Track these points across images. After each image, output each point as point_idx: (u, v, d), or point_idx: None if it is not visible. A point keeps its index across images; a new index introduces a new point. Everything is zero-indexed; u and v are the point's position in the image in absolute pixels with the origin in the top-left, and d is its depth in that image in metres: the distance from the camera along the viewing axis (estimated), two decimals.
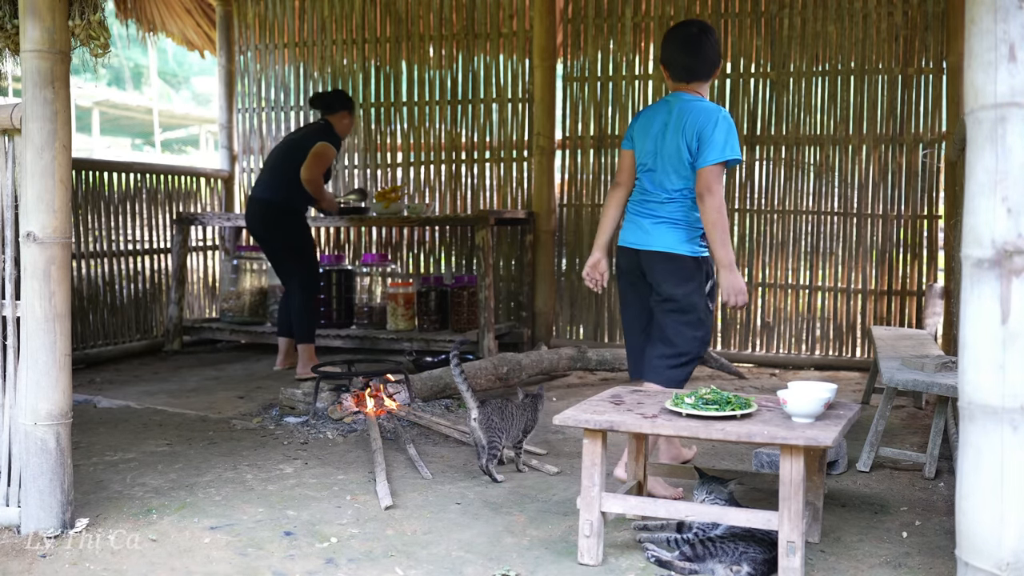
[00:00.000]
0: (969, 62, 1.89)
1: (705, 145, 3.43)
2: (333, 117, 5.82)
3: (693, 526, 2.88)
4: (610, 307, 6.85)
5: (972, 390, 1.90)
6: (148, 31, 7.28)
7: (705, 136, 3.44)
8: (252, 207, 5.77)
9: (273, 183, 5.72)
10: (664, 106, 3.62)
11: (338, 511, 3.29)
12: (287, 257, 5.75)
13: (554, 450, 4.13)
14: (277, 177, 5.72)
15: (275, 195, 5.69)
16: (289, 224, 5.72)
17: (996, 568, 1.86)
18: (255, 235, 5.89)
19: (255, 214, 5.74)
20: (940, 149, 6.17)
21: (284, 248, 5.74)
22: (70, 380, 3.04)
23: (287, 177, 5.66)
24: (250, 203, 5.80)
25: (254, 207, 5.75)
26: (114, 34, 4.06)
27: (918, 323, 6.16)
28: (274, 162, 5.82)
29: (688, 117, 3.49)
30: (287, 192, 5.68)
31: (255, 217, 5.75)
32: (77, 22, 3.02)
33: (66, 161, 2.96)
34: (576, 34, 6.84)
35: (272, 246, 5.77)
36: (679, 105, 3.55)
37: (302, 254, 5.78)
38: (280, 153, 5.83)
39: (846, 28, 6.28)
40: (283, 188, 5.67)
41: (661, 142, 3.56)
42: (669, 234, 3.56)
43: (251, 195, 5.82)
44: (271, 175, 5.76)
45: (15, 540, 2.96)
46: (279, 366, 5.97)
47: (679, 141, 3.50)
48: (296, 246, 5.75)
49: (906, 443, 4.28)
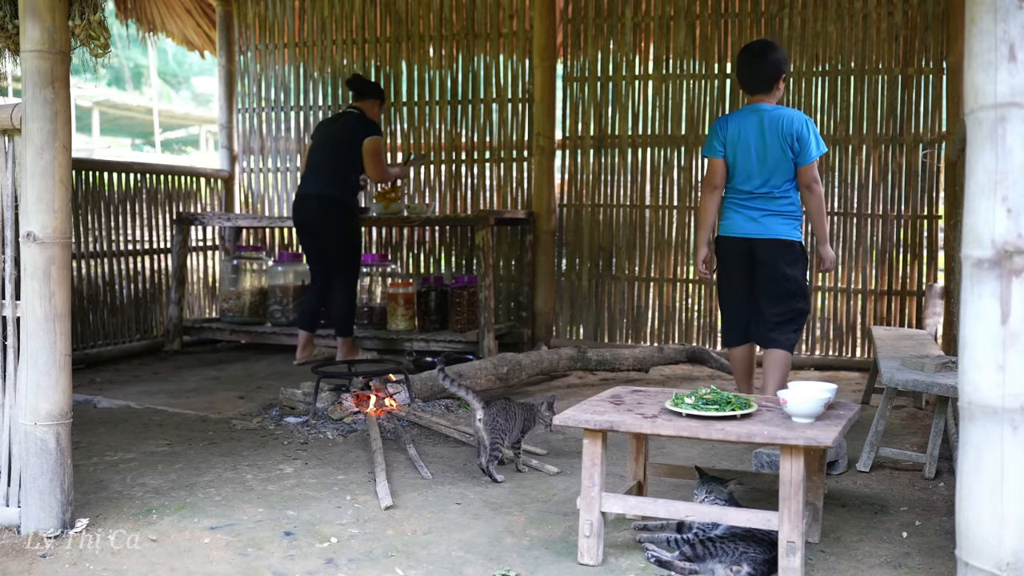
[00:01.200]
0: (969, 62, 1.89)
1: (804, 145, 4.11)
2: (364, 104, 5.89)
3: (693, 526, 2.88)
4: (610, 307, 6.85)
5: (972, 390, 1.90)
6: (148, 31, 7.29)
7: (803, 138, 4.11)
8: (309, 203, 5.78)
9: (330, 179, 5.76)
10: (752, 116, 4.21)
11: (338, 511, 3.29)
12: (342, 252, 5.85)
13: (554, 450, 4.13)
14: (333, 174, 5.77)
15: (333, 191, 5.76)
16: (348, 220, 5.82)
17: (996, 568, 1.86)
18: (311, 230, 5.87)
19: (313, 210, 5.77)
20: (940, 149, 6.17)
21: (342, 243, 5.83)
22: (70, 380, 3.04)
23: (342, 174, 5.78)
24: (305, 200, 5.80)
25: (312, 203, 5.77)
26: (114, 34, 4.06)
27: (918, 323, 6.16)
28: (325, 159, 5.81)
29: (782, 123, 4.13)
30: (343, 188, 5.79)
31: (313, 212, 5.77)
32: (77, 22, 3.02)
33: (66, 161, 2.96)
34: (576, 34, 6.85)
35: (330, 241, 5.81)
36: (768, 114, 4.18)
37: (356, 250, 5.93)
38: (328, 149, 5.82)
39: (846, 28, 6.28)
40: (339, 185, 5.78)
41: (763, 147, 4.17)
42: (783, 225, 4.22)
43: (304, 192, 5.84)
44: (327, 172, 5.78)
45: (15, 540, 2.96)
46: (299, 360, 6.02)
47: (782, 144, 4.13)
48: (353, 242, 5.90)
49: (906, 443, 4.28)
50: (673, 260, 6.71)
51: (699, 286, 6.67)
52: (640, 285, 6.80)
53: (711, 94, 6.57)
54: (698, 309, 6.70)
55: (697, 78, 6.59)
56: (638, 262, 6.79)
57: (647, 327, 6.80)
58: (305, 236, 5.96)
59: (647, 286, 6.79)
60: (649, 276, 6.77)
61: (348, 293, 5.88)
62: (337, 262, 5.86)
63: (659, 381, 5.77)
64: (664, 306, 6.75)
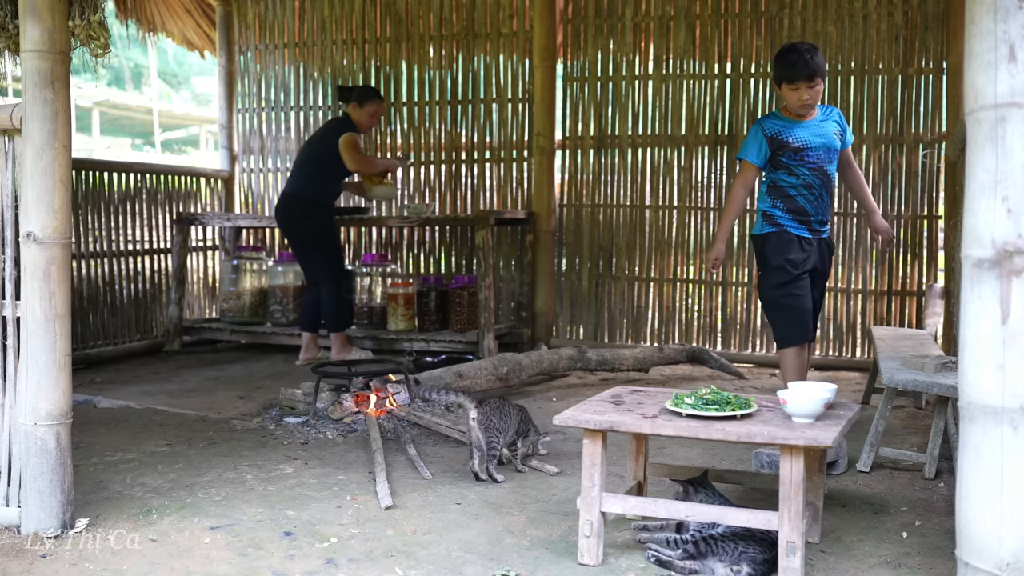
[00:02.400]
0: (969, 62, 1.89)
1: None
2: (348, 109, 6.04)
3: (690, 526, 2.88)
4: (610, 307, 6.85)
5: (972, 390, 1.90)
6: (148, 31, 7.29)
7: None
8: (279, 203, 6.05)
9: (298, 180, 5.98)
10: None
11: (338, 511, 3.29)
12: (313, 248, 5.97)
13: (554, 450, 4.13)
14: (302, 174, 5.99)
15: (300, 190, 5.95)
16: (313, 216, 5.95)
17: (996, 568, 1.86)
18: (282, 229, 6.16)
19: (282, 208, 6.01)
20: (940, 149, 6.17)
21: (310, 240, 5.95)
22: (70, 380, 3.04)
23: (311, 173, 5.95)
24: (278, 202, 6.08)
25: (281, 203, 6.03)
26: (114, 34, 4.06)
27: (918, 323, 6.16)
28: (300, 159, 6.13)
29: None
30: (312, 187, 5.94)
31: (281, 211, 6.02)
32: (77, 22, 3.02)
33: (66, 161, 2.96)
34: (576, 34, 6.84)
35: (298, 239, 6.01)
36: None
37: (327, 245, 6.01)
38: (304, 152, 6.13)
39: (846, 28, 6.28)
40: (308, 183, 5.94)
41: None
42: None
43: (280, 193, 6.15)
44: (297, 172, 6.04)
45: (15, 540, 2.96)
46: (302, 360, 6.10)
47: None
48: (321, 238, 5.98)
49: (906, 443, 4.28)
50: (673, 260, 6.71)
51: (699, 286, 6.67)
52: (640, 285, 6.80)
53: (711, 94, 6.57)
54: (698, 309, 6.70)
55: (697, 78, 6.58)
56: (638, 262, 6.79)
57: (647, 327, 6.80)
58: (284, 235, 6.28)
59: (647, 286, 6.79)
60: (649, 276, 6.77)
61: (330, 288, 5.97)
62: (309, 259, 6.02)
63: (659, 381, 5.77)
64: (664, 306, 6.75)
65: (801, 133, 4.10)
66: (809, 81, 3.98)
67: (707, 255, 4.06)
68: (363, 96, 5.99)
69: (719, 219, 4.03)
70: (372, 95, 6.01)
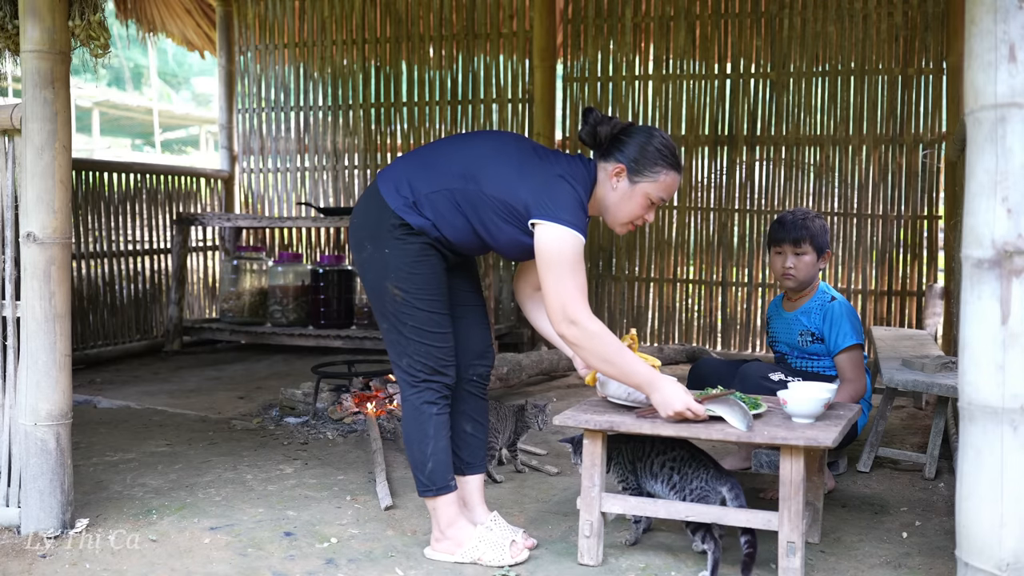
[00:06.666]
0: (969, 62, 1.89)
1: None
2: None
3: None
4: (610, 307, 6.85)
5: (972, 390, 1.90)
6: (148, 31, 7.29)
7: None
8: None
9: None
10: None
11: (338, 511, 3.29)
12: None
13: (554, 450, 4.13)
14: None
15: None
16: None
17: (996, 568, 1.86)
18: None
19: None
20: (940, 149, 6.17)
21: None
22: (70, 380, 3.04)
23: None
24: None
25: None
26: (114, 34, 4.07)
27: (918, 323, 6.16)
28: None
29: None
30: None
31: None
32: (77, 22, 3.02)
33: (66, 161, 2.96)
34: (576, 34, 6.85)
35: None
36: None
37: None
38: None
39: (846, 28, 6.28)
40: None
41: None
42: None
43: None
44: None
45: (15, 540, 2.96)
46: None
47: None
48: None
49: (906, 443, 4.28)
50: (673, 260, 6.71)
51: (699, 286, 6.67)
52: (640, 285, 6.80)
53: (711, 94, 6.57)
54: (698, 309, 6.70)
55: (697, 78, 6.59)
56: (638, 262, 6.79)
57: (647, 327, 6.80)
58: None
59: (647, 286, 6.79)
60: (649, 276, 6.77)
61: None
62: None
63: None
64: (664, 306, 6.75)
65: (777, 325, 3.71)
66: (795, 246, 3.53)
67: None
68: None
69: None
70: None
